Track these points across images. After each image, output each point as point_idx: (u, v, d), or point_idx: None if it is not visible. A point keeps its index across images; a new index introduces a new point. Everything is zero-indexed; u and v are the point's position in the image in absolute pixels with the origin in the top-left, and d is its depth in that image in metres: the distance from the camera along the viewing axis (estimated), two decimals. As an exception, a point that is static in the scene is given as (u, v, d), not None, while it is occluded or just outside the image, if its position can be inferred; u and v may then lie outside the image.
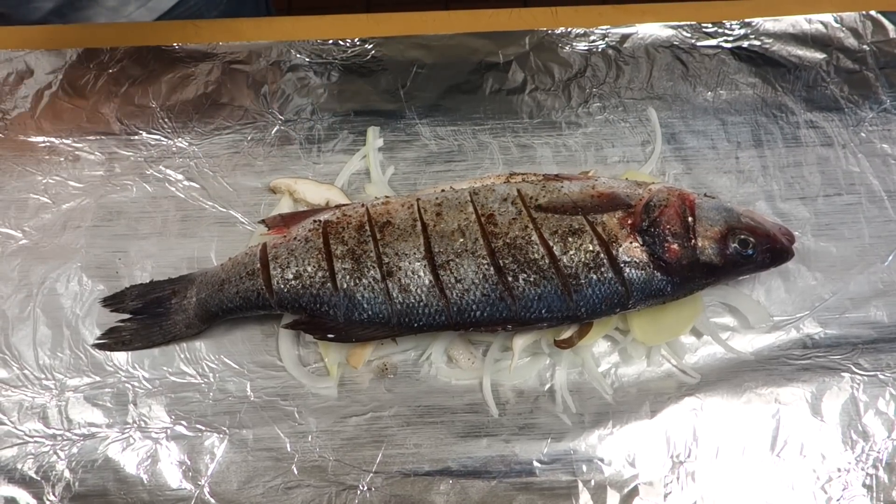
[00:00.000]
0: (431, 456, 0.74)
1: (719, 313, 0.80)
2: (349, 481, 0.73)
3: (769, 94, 0.87)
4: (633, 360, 0.78)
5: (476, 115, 0.86)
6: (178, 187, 0.83)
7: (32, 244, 0.81)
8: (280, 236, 0.75)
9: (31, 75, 0.86)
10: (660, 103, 0.86)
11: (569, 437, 0.75)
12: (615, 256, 0.71)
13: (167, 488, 0.73)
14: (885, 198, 0.83)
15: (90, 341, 0.77)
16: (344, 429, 0.75)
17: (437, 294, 0.71)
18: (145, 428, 0.75)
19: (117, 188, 0.83)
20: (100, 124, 0.85)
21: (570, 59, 0.87)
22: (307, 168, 0.84)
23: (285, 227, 0.76)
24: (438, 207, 0.74)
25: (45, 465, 0.73)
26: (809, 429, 0.75)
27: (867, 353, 0.77)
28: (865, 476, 0.73)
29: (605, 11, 0.89)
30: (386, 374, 0.77)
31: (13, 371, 0.76)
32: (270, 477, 0.74)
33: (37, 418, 0.75)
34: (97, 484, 0.73)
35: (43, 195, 0.82)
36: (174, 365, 0.77)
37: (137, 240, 0.81)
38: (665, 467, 0.74)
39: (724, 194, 0.83)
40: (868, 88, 0.87)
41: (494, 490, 0.73)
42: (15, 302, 0.78)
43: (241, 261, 0.74)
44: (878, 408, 0.75)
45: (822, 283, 0.80)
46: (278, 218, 0.77)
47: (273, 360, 0.77)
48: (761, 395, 0.76)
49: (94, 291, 0.79)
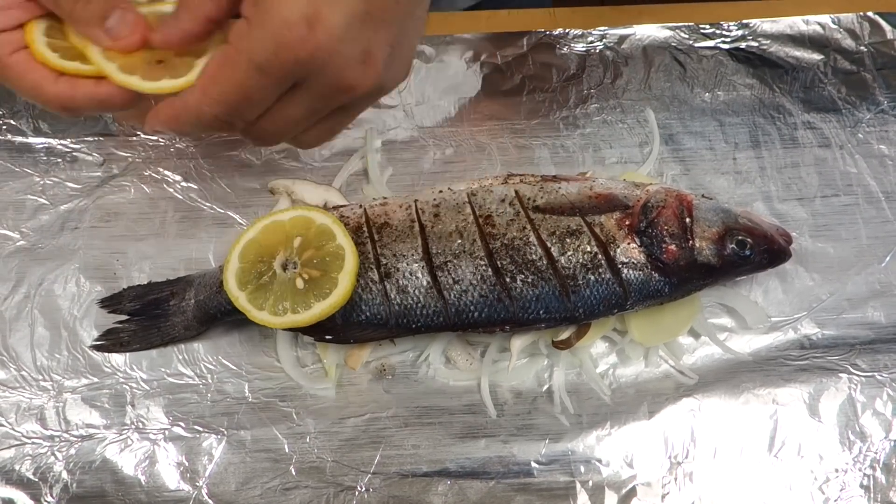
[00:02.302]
0: (429, 457, 0.74)
1: (717, 314, 0.80)
2: (347, 482, 0.73)
3: (767, 95, 0.87)
4: (630, 361, 0.78)
5: (474, 116, 0.86)
6: (176, 188, 0.83)
7: (30, 245, 0.81)
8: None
9: (29, 76, 0.85)
10: (657, 104, 0.86)
11: (567, 438, 0.75)
12: (613, 257, 0.71)
13: (165, 489, 0.73)
14: (882, 199, 0.83)
15: (88, 343, 0.77)
16: (342, 430, 0.75)
17: (435, 295, 0.71)
18: (143, 429, 0.75)
19: (115, 189, 0.83)
20: (98, 125, 0.84)
21: (567, 61, 0.87)
22: (305, 169, 0.84)
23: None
24: (436, 208, 0.74)
25: (42, 466, 0.73)
26: (807, 429, 0.75)
27: (864, 353, 0.77)
28: (863, 476, 0.74)
29: (602, 13, 0.89)
30: (384, 375, 0.77)
31: (11, 372, 0.76)
32: (268, 478, 0.74)
33: (34, 419, 0.75)
34: (95, 485, 0.73)
35: (41, 196, 0.82)
36: (172, 366, 0.77)
37: (135, 241, 0.81)
38: (663, 468, 0.74)
39: (721, 195, 0.83)
40: (865, 90, 0.87)
41: (492, 491, 0.73)
42: (12, 303, 0.78)
43: (239, 262, 0.74)
44: (876, 408, 0.75)
45: (819, 283, 0.80)
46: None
47: (271, 361, 0.77)
48: (759, 396, 0.76)
49: (91, 293, 0.79)
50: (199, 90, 0.54)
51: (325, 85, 0.53)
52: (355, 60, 0.52)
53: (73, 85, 0.61)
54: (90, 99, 0.60)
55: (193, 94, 0.54)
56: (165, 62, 0.59)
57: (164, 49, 0.57)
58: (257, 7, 0.51)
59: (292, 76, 0.52)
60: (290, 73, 0.52)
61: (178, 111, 0.56)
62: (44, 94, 0.61)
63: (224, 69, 0.53)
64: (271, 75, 0.52)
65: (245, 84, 0.52)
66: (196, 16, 0.55)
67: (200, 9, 0.55)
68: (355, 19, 0.51)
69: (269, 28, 0.50)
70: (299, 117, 0.57)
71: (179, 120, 0.56)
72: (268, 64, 0.51)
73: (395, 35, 0.54)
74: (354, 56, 0.52)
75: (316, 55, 0.50)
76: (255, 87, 0.52)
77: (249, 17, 0.51)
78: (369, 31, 0.52)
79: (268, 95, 0.54)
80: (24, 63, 0.60)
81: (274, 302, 0.70)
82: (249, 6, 0.52)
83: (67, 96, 0.61)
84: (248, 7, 0.52)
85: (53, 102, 0.61)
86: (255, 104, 0.54)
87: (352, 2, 0.50)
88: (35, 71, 0.60)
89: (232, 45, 0.52)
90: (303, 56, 0.50)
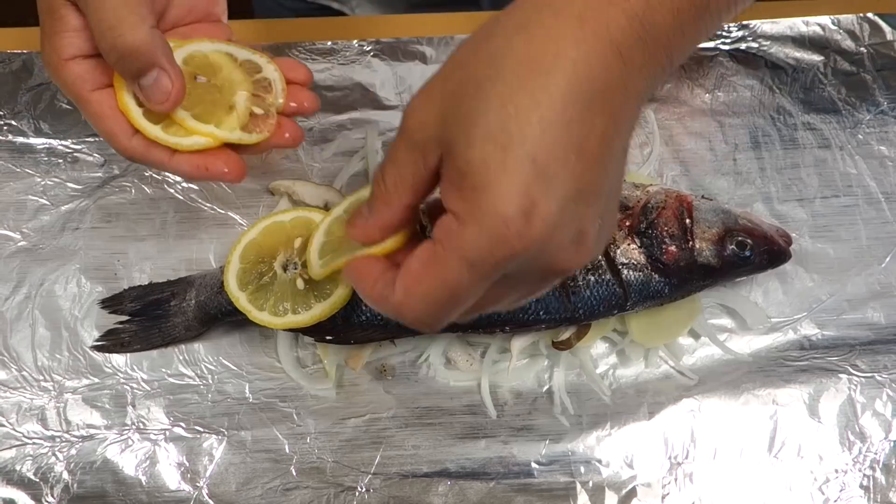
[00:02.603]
0: (430, 457, 0.74)
1: (717, 315, 0.80)
2: (348, 482, 0.74)
3: (767, 96, 0.87)
4: (630, 362, 0.78)
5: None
6: (176, 189, 0.83)
7: (31, 246, 0.81)
8: (279, 238, 0.75)
9: (30, 76, 0.86)
10: (657, 105, 0.87)
11: (567, 439, 0.75)
12: (613, 258, 0.71)
13: (166, 490, 0.73)
14: (882, 200, 0.83)
15: (89, 343, 0.77)
16: (342, 430, 0.75)
17: (435, 296, 0.71)
18: (144, 429, 0.75)
19: (116, 190, 0.83)
20: (98, 126, 0.84)
21: (568, 61, 0.87)
22: (306, 169, 0.84)
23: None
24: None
25: (43, 466, 0.74)
26: (807, 430, 0.75)
27: (864, 354, 0.78)
28: (863, 477, 0.74)
29: (603, 13, 0.89)
30: (384, 376, 0.77)
31: (12, 373, 0.76)
32: (269, 478, 0.74)
33: (35, 420, 0.75)
34: (96, 485, 0.73)
35: (41, 197, 0.82)
36: (173, 367, 0.77)
37: (136, 241, 0.81)
38: (663, 468, 0.74)
39: (721, 196, 0.83)
40: (865, 91, 0.87)
41: (493, 491, 0.73)
42: (13, 303, 0.78)
43: (240, 263, 0.74)
44: (876, 409, 0.76)
45: (819, 284, 0.81)
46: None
47: (272, 361, 0.78)
48: (759, 397, 0.76)
49: (92, 293, 0.79)
50: (402, 290, 0.50)
51: (536, 271, 0.50)
52: (569, 242, 0.48)
53: (147, 149, 0.60)
54: (160, 167, 0.61)
55: (395, 293, 0.51)
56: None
57: (362, 243, 0.56)
58: (467, 202, 0.46)
59: (505, 269, 0.48)
60: (504, 267, 0.48)
61: (377, 305, 0.53)
62: (115, 144, 0.60)
63: (431, 268, 0.49)
64: (484, 272, 0.48)
65: (454, 282, 0.48)
66: (395, 208, 0.52)
67: (399, 200, 0.52)
68: (569, 202, 0.47)
69: (484, 225, 0.46)
70: (505, 303, 0.53)
71: (378, 307, 0.53)
72: (481, 261, 0.47)
73: (603, 204, 0.50)
74: (568, 238, 0.48)
75: (532, 247, 0.46)
76: (464, 284, 0.48)
77: (458, 212, 0.47)
78: (581, 209, 0.48)
79: (477, 291, 0.50)
80: (104, 105, 0.60)
81: (274, 303, 0.70)
82: (456, 201, 0.47)
83: (139, 155, 0.60)
84: (456, 202, 0.47)
85: (123, 154, 0.61)
86: (462, 301, 0.50)
87: (565, 185, 0.46)
88: (112, 119, 0.60)
89: (439, 242, 0.48)
90: (519, 249, 0.46)
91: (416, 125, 0.50)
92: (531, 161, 0.45)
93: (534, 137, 0.45)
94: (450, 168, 0.48)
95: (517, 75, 0.46)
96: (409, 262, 0.51)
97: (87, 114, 0.60)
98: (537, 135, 0.45)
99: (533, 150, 0.45)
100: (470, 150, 0.46)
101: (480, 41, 0.49)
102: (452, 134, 0.47)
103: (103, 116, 0.59)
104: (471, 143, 0.46)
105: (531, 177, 0.45)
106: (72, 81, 0.60)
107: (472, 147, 0.46)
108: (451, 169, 0.48)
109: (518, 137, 0.45)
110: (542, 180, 0.45)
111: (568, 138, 0.46)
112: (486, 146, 0.45)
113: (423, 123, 0.50)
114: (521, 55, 0.46)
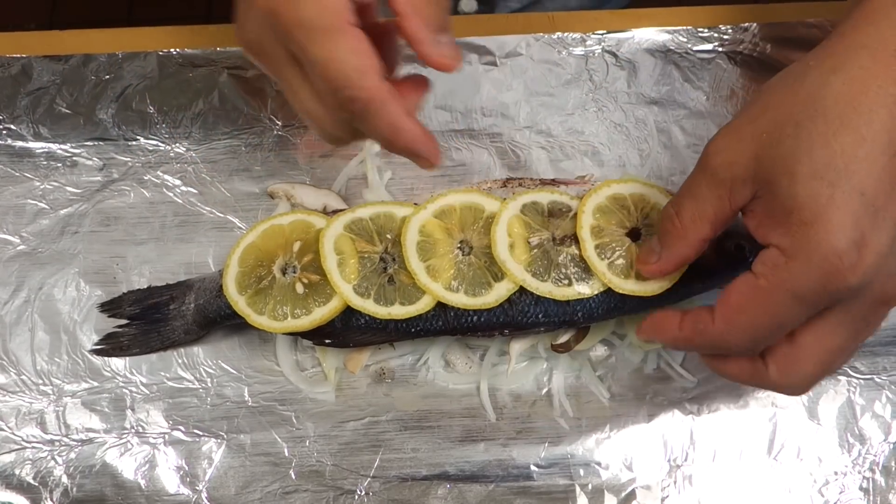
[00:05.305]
0: (429, 460, 0.74)
1: (716, 317, 0.80)
2: (347, 486, 0.74)
3: (765, 99, 0.87)
4: (630, 365, 0.78)
5: (473, 119, 0.86)
6: (175, 192, 0.83)
7: (30, 250, 0.81)
8: (277, 241, 0.74)
9: (29, 80, 0.86)
10: (656, 108, 0.87)
11: (566, 442, 0.75)
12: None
13: (165, 493, 0.73)
14: (880, 201, 0.83)
15: (88, 347, 0.77)
16: (342, 433, 0.75)
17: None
18: (143, 433, 0.75)
19: (115, 193, 0.83)
20: (97, 130, 0.85)
21: (566, 64, 0.87)
22: (305, 173, 0.84)
23: (283, 233, 0.75)
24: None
25: (42, 470, 0.74)
26: (806, 432, 0.75)
27: (863, 356, 0.77)
28: (862, 479, 0.74)
29: (601, 16, 0.90)
30: (383, 379, 0.77)
31: (11, 376, 0.76)
32: (268, 482, 0.74)
33: (34, 424, 0.75)
34: (95, 489, 0.73)
35: (41, 201, 0.82)
36: (172, 370, 0.77)
37: (135, 245, 0.81)
38: (662, 471, 0.74)
39: (720, 198, 0.83)
40: (863, 92, 0.87)
41: (492, 494, 0.73)
42: (12, 307, 0.79)
43: (239, 266, 0.74)
44: (875, 411, 0.76)
45: (818, 286, 0.80)
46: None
47: (271, 365, 0.78)
48: (758, 399, 0.76)
49: (91, 297, 0.79)
50: (723, 321, 0.53)
51: (864, 302, 0.51)
52: None
53: (392, 94, 0.58)
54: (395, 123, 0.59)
55: (715, 324, 0.53)
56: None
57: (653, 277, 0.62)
58: (794, 237, 0.49)
59: (831, 301, 0.50)
60: (833, 299, 0.50)
61: (689, 341, 0.56)
62: (364, 81, 0.56)
63: (755, 300, 0.51)
64: (810, 303, 0.50)
65: (778, 313, 0.51)
66: (691, 241, 0.56)
67: (696, 234, 0.56)
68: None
69: (815, 259, 0.48)
70: (837, 341, 0.54)
71: (690, 343, 0.57)
72: (811, 293, 0.49)
73: None
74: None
75: (865, 278, 0.48)
76: (789, 314, 0.51)
77: (785, 247, 0.49)
78: None
79: (798, 320, 0.52)
80: (363, 40, 0.56)
81: (273, 306, 0.70)
82: (782, 236, 0.50)
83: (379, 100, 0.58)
84: (781, 237, 0.50)
85: (364, 93, 0.56)
86: (784, 329, 0.52)
87: (893, 215, 0.48)
88: (367, 55, 0.56)
89: (762, 276, 0.51)
90: (853, 282, 0.48)
91: (723, 164, 0.53)
92: (860, 195, 0.47)
93: (861, 172, 0.47)
94: (771, 205, 0.50)
95: (838, 114, 0.48)
96: (727, 295, 0.53)
97: (338, 49, 0.54)
98: (864, 169, 0.47)
99: (861, 185, 0.47)
100: (795, 186, 0.48)
101: (791, 84, 0.51)
102: (772, 173, 0.50)
103: (359, 52, 0.55)
104: (796, 180, 0.48)
105: (860, 210, 0.47)
106: (332, 7, 0.54)
107: (797, 184, 0.48)
108: (772, 206, 0.50)
109: (845, 173, 0.47)
110: (871, 213, 0.47)
111: (893, 170, 0.48)
112: (813, 183, 0.47)
113: (731, 163, 0.52)
114: (841, 95, 0.48)
